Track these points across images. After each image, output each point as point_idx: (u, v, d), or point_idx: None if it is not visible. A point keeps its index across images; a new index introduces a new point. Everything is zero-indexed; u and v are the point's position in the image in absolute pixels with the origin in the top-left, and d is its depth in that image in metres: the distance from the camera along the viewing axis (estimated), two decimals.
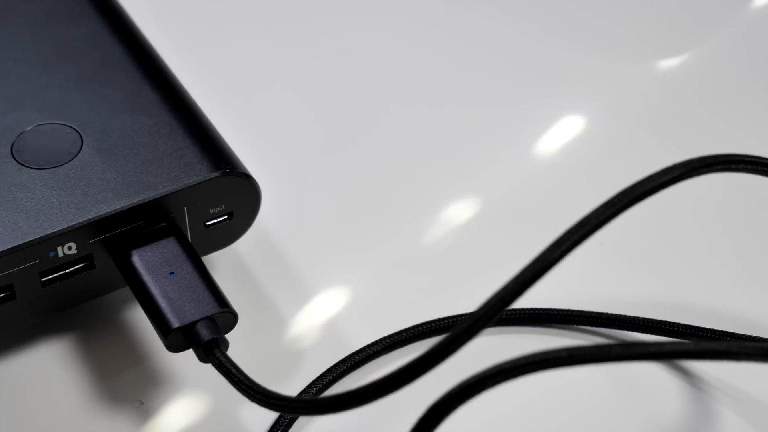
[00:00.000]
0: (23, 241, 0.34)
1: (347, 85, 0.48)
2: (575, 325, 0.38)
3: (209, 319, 0.33)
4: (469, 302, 0.38)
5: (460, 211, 0.43)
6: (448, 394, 0.27)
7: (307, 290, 0.40)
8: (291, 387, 0.36)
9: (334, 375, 0.36)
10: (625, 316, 0.38)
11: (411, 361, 0.27)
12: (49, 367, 0.37)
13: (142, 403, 0.36)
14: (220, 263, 0.40)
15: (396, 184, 0.44)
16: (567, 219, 0.30)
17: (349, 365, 0.37)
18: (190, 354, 0.34)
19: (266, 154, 0.44)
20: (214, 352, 0.33)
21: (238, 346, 0.34)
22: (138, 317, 0.38)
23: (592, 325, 0.38)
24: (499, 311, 0.28)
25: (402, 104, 0.47)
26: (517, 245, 0.41)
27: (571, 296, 0.39)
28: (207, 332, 0.33)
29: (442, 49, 0.50)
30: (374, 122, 0.46)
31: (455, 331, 0.27)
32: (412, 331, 0.37)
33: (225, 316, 0.34)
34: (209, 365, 0.33)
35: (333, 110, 0.47)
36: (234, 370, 0.32)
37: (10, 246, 0.34)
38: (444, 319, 0.38)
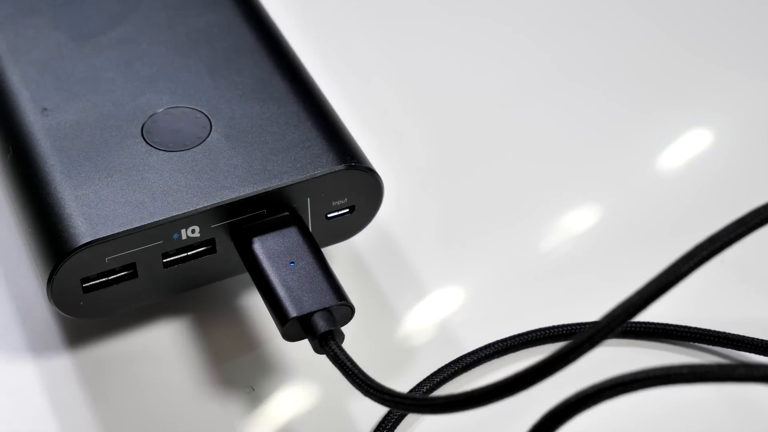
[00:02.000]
0: (149, 222, 0.34)
1: (472, 86, 0.48)
2: (691, 342, 0.37)
3: (327, 310, 0.34)
4: (582, 312, 0.38)
5: (581, 220, 0.42)
6: (564, 402, 0.27)
7: (422, 288, 0.40)
8: (399, 384, 0.36)
9: (445, 375, 0.36)
10: (744, 336, 0.37)
11: (530, 367, 0.27)
12: (164, 347, 0.38)
13: (253, 390, 0.36)
14: (337, 256, 0.40)
15: (517, 188, 0.43)
16: (687, 235, 0.30)
17: (460, 366, 0.36)
18: (303, 344, 0.34)
19: (389, 150, 0.44)
20: (329, 344, 0.33)
21: (350, 339, 0.34)
22: (254, 304, 0.38)
23: (708, 344, 0.37)
24: (621, 323, 0.27)
25: (527, 108, 0.47)
26: (634, 258, 0.40)
27: (687, 312, 0.38)
28: (324, 324, 0.33)
29: (570, 56, 0.50)
30: (497, 124, 0.46)
31: (576, 340, 0.27)
32: (525, 336, 0.37)
33: (342, 309, 0.34)
34: (323, 356, 0.33)
35: (457, 110, 0.47)
36: (349, 363, 0.32)
37: (136, 225, 0.34)
38: (558, 327, 0.37)
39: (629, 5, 0.52)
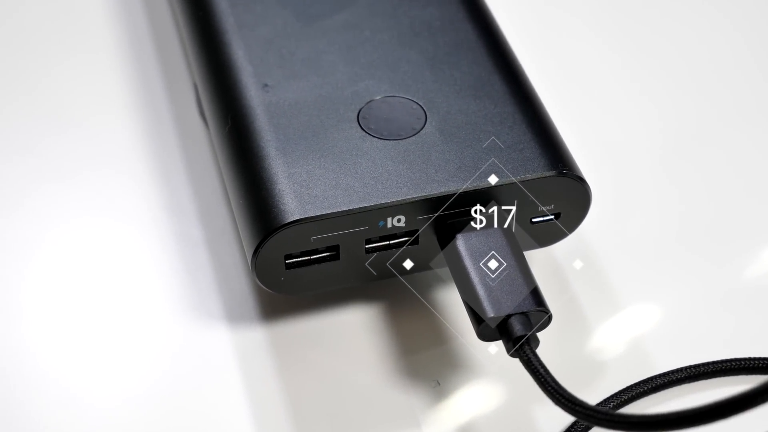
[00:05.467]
0: (357, 207, 0.35)
1: (690, 102, 0.47)
2: None
3: (524, 314, 0.33)
4: None
5: None
6: None
7: (619, 303, 0.39)
8: (584, 396, 0.35)
9: (633, 394, 0.36)
10: None
11: (732, 397, 0.26)
12: (355, 331, 0.38)
13: (439, 384, 0.36)
14: (536, 260, 0.40)
15: (726, 212, 0.42)
16: None
17: (649, 387, 0.36)
18: (494, 344, 0.34)
19: (599, 159, 0.43)
20: (524, 349, 0.33)
21: (541, 345, 0.34)
22: (448, 298, 0.38)
23: None
24: None
25: (749, 128, 0.46)
26: None
27: None
28: (521, 327, 0.33)
29: None
30: (715, 143, 0.45)
31: None
32: (720, 365, 0.36)
33: (539, 315, 0.34)
34: (514, 360, 0.33)
35: (674, 125, 0.46)
36: (542, 370, 0.32)
37: (344, 209, 0.35)
38: (758, 359, 0.36)
39: None
